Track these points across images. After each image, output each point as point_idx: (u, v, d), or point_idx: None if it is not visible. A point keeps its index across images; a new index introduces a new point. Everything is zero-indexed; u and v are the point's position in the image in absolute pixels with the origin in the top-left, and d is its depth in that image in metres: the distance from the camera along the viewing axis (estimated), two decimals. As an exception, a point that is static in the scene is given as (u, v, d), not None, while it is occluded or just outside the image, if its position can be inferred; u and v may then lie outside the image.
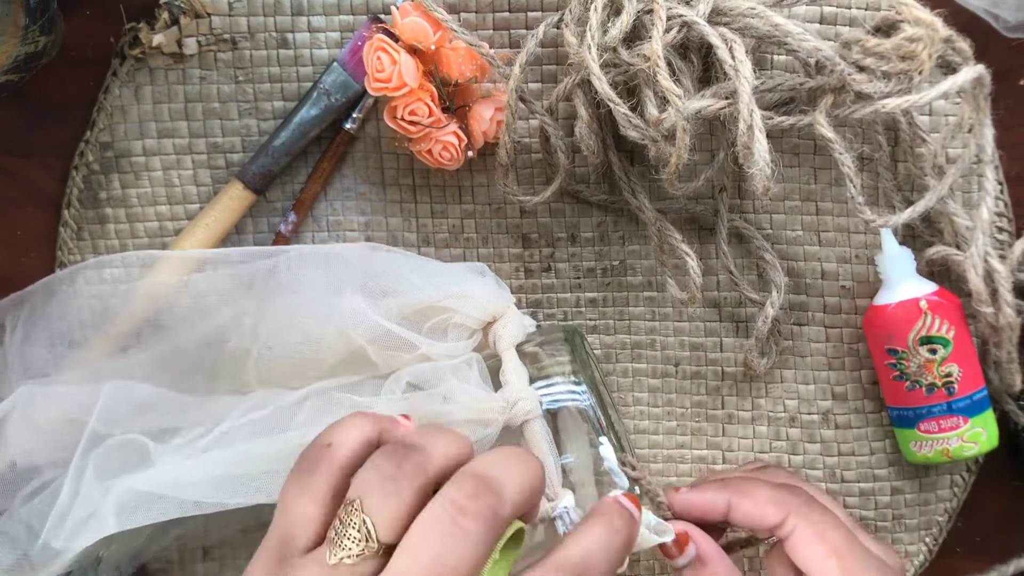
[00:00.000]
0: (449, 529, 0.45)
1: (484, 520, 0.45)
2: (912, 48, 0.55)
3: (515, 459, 0.50)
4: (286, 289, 0.63)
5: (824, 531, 0.56)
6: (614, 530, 0.51)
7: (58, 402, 0.61)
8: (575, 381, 0.62)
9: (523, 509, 0.49)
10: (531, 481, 0.49)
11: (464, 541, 0.45)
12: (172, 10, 0.65)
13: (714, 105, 0.55)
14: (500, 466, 0.49)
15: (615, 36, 0.56)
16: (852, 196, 0.60)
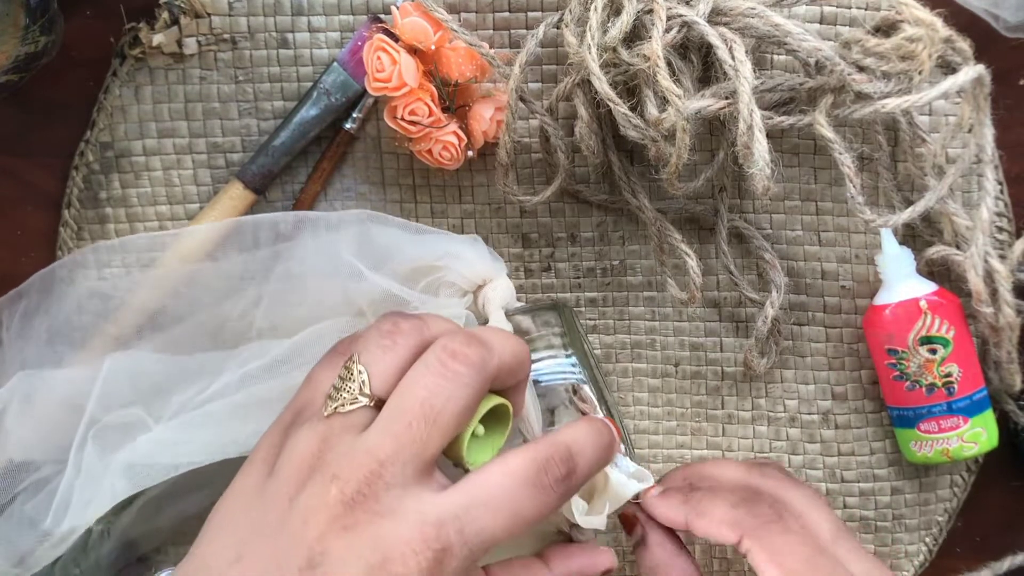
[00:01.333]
0: (439, 370, 0.47)
1: (473, 365, 0.48)
2: (912, 48, 0.55)
3: (501, 331, 0.53)
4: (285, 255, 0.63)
5: (779, 554, 0.55)
6: (599, 431, 0.52)
7: (57, 388, 0.61)
8: (567, 355, 0.62)
9: (509, 373, 0.51)
10: (519, 350, 0.52)
11: (453, 382, 0.47)
12: (172, 10, 0.65)
13: (714, 105, 0.55)
14: (489, 331, 0.51)
15: (615, 36, 0.56)
16: (852, 196, 0.60)
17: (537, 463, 0.48)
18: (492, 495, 0.46)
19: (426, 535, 0.44)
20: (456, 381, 0.47)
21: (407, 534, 0.44)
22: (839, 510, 0.72)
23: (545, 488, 0.47)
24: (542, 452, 0.48)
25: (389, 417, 0.47)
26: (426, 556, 0.44)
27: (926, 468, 0.72)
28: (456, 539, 0.45)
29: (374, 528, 0.44)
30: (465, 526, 0.45)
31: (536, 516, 0.47)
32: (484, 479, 0.47)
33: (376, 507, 0.45)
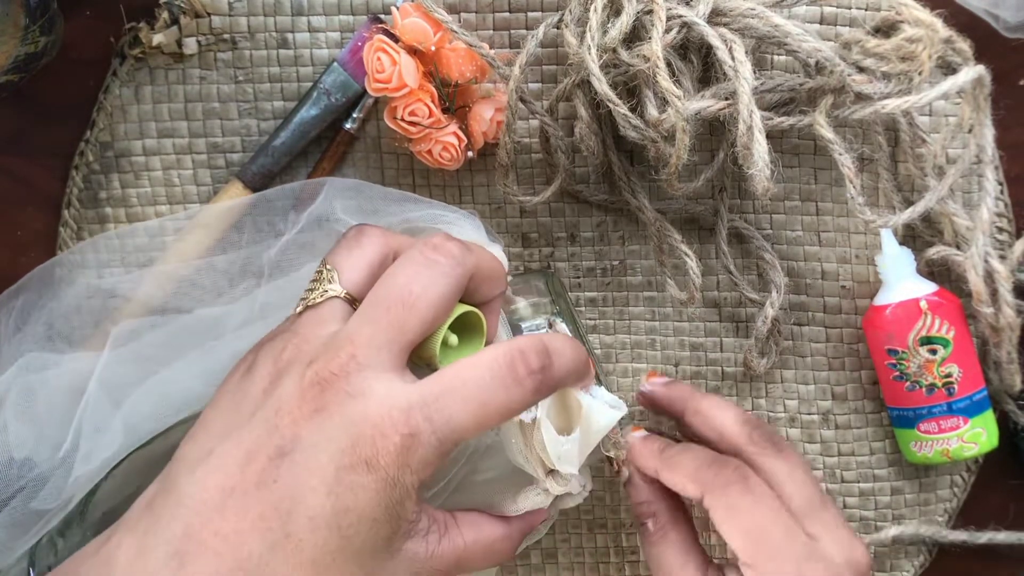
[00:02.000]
0: (420, 260, 0.49)
1: (453, 256, 0.49)
2: (912, 49, 0.55)
3: (480, 245, 0.54)
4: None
5: (736, 513, 0.56)
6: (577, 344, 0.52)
7: (60, 377, 0.61)
8: (552, 312, 0.62)
9: (485, 279, 0.52)
10: (495, 262, 0.53)
11: (432, 270, 0.48)
12: (172, 10, 0.65)
13: (714, 106, 0.55)
14: (478, 245, 0.53)
15: (615, 37, 0.56)
16: (852, 196, 0.60)
17: (511, 355, 0.48)
18: (463, 384, 0.46)
19: (395, 419, 0.44)
20: (435, 269, 0.48)
21: (376, 416, 0.44)
22: (841, 510, 0.72)
23: (518, 379, 0.47)
24: (517, 345, 0.48)
25: (369, 303, 0.48)
26: (394, 440, 0.44)
27: (926, 468, 0.72)
28: (425, 426, 0.45)
29: (344, 409, 0.45)
30: (434, 413, 0.45)
31: (506, 408, 0.47)
32: (456, 370, 0.47)
33: (348, 387, 0.45)
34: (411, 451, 0.44)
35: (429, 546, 0.47)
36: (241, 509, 0.45)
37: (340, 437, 0.44)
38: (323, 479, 0.44)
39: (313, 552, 0.44)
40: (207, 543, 0.44)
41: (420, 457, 0.45)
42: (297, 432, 0.45)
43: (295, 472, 0.45)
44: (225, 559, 0.44)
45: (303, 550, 0.44)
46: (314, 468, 0.44)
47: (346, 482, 0.44)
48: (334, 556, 0.45)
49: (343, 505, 0.44)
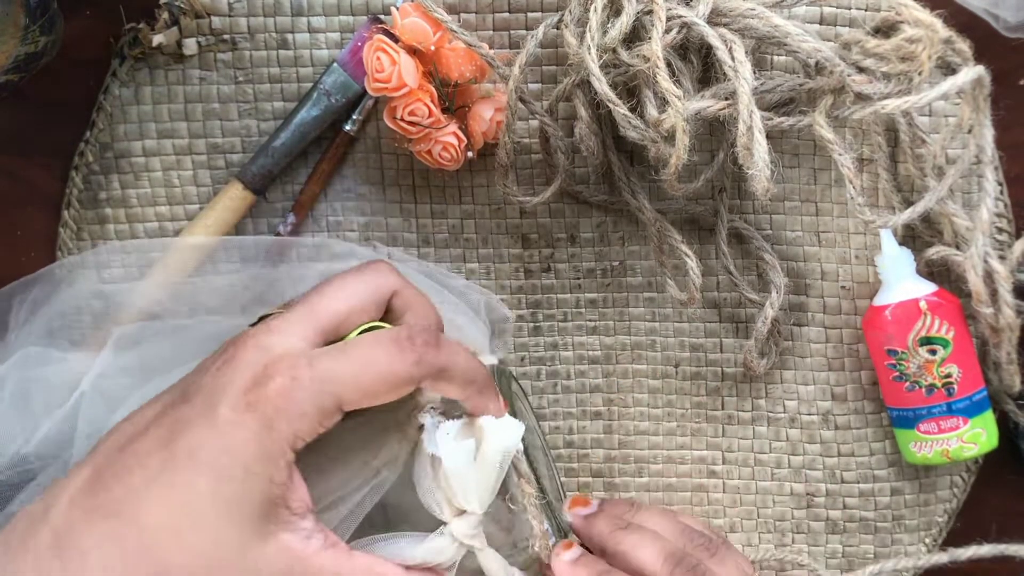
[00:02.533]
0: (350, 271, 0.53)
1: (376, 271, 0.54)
2: (912, 49, 0.55)
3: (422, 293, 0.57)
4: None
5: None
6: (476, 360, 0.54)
7: (58, 374, 0.61)
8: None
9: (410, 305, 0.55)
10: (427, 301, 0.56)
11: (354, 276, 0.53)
12: (172, 10, 0.65)
13: (714, 106, 0.55)
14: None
15: (615, 37, 0.56)
16: (852, 197, 0.60)
17: (403, 330, 0.50)
18: (354, 345, 0.49)
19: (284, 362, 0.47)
20: (357, 276, 0.53)
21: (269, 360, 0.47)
22: (839, 511, 0.73)
23: (402, 346, 0.49)
24: (410, 324, 0.51)
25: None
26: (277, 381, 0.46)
27: (926, 469, 0.72)
28: (306, 371, 0.47)
29: (246, 357, 0.48)
30: (316, 362, 0.47)
31: (389, 371, 0.49)
32: (351, 339, 0.50)
33: (256, 343, 0.48)
34: (290, 394, 0.46)
35: (309, 547, 0.47)
36: (137, 448, 0.47)
37: (236, 378, 0.47)
38: (208, 416, 0.46)
39: (186, 494, 0.45)
40: (103, 480, 0.47)
41: (298, 402, 0.46)
42: (204, 381, 0.48)
43: (187, 410, 0.47)
44: (111, 493, 0.46)
45: (174, 487, 0.45)
46: (204, 407, 0.46)
47: (226, 417, 0.46)
48: (205, 501, 0.45)
49: (221, 443, 0.46)
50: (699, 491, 0.73)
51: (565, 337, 0.71)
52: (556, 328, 0.71)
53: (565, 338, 0.71)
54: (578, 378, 0.72)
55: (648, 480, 0.73)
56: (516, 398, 0.61)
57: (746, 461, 0.73)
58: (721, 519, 0.73)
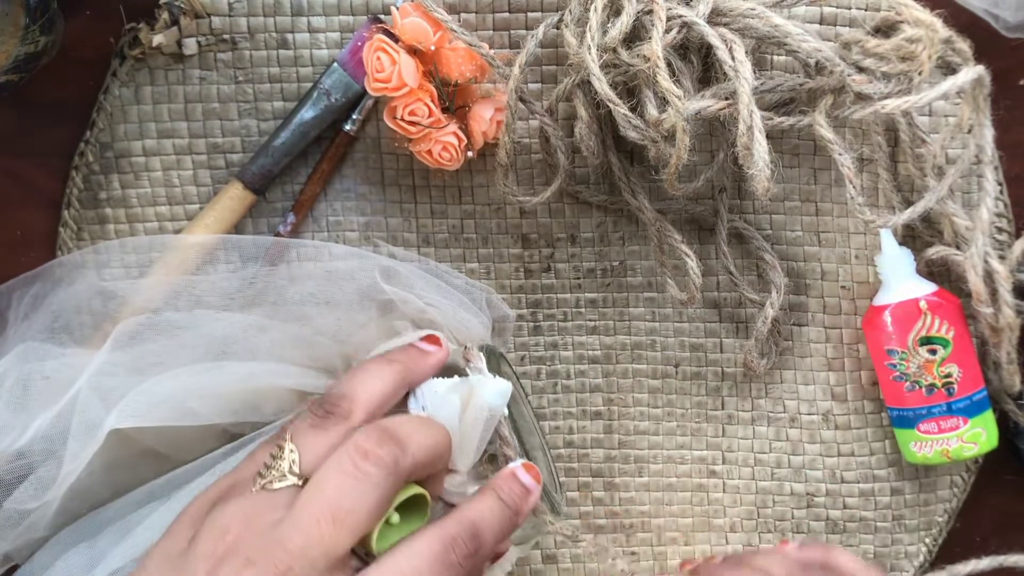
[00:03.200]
0: (351, 471, 0.48)
1: (385, 466, 0.49)
2: (912, 49, 0.55)
3: (423, 422, 0.54)
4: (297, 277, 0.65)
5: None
6: (502, 503, 0.53)
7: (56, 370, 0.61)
8: None
9: (424, 467, 0.52)
10: (437, 444, 0.53)
11: (364, 483, 0.48)
12: (172, 10, 0.65)
13: (714, 106, 0.55)
14: (408, 425, 0.52)
15: (615, 37, 0.56)
16: (852, 197, 0.60)
17: (444, 542, 0.49)
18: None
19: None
20: (366, 482, 0.48)
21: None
22: (839, 510, 0.73)
23: (453, 566, 0.48)
24: (449, 531, 0.49)
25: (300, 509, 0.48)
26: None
27: (926, 469, 0.72)
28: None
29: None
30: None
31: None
32: (393, 562, 0.48)
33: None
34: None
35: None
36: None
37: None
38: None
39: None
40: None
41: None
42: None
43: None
44: None
45: None
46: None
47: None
48: None
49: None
50: (699, 491, 0.73)
51: (565, 337, 0.71)
52: (556, 328, 0.71)
53: (565, 338, 0.71)
54: (578, 378, 0.72)
55: (648, 480, 0.73)
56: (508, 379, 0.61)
57: (746, 461, 0.73)
58: (721, 519, 0.73)
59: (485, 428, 0.55)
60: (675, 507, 0.73)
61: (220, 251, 0.66)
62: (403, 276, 0.65)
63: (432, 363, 0.59)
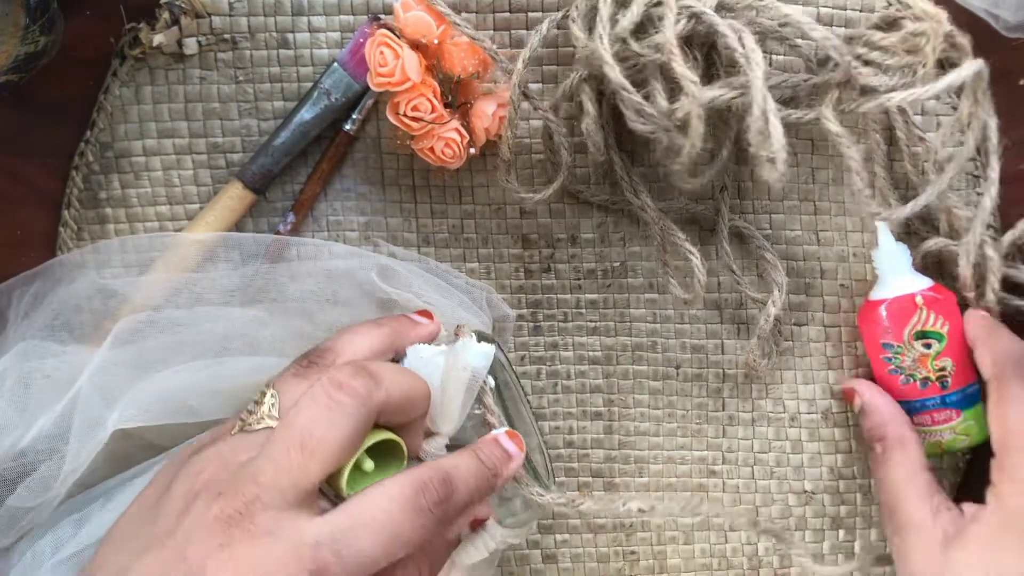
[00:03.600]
0: (324, 401, 0.49)
1: (357, 396, 0.49)
2: (917, 42, 0.56)
3: (400, 368, 0.54)
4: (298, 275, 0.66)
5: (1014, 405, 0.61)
6: (482, 461, 0.54)
7: (57, 368, 0.61)
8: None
9: (399, 407, 0.52)
10: (412, 387, 0.53)
11: (336, 412, 0.49)
12: (172, 10, 0.65)
13: (727, 94, 0.55)
14: (384, 366, 0.53)
15: (625, 27, 0.57)
16: (859, 189, 0.60)
17: (415, 486, 0.49)
18: (371, 517, 0.47)
19: (301, 555, 0.45)
20: (338, 411, 0.49)
21: (282, 555, 0.45)
22: (840, 507, 0.73)
23: (423, 510, 0.48)
24: (421, 476, 0.50)
25: (272, 442, 0.48)
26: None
27: (925, 466, 0.73)
28: (333, 560, 0.46)
29: (250, 548, 0.45)
30: (342, 548, 0.46)
31: (415, 538, 0.48)
32: (362, 502, 0.48)
33: (252, 527, 0.46)
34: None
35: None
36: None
37: (246, 573, 0.45)
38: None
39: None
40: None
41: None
42: (204, 564, 0.45)
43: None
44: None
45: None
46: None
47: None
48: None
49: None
50: (699, 491, 0.73)
51: (565, 337, 0.72)
52: (556, 328, 0.71)
53: (565, 338, 0.72)
54: (578, 378, 0.72)
55: (648, 480, 0.73)
56: (501, 368, 0.62)
57: (746, 460, 0.73)
58: (721, 518, 0.73)
59: (468, 391, 0.56)
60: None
61: (220, 249, 0.66)
62: (402, 276, 0.65)
63: (421, 333, 0.60)
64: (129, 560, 0.47)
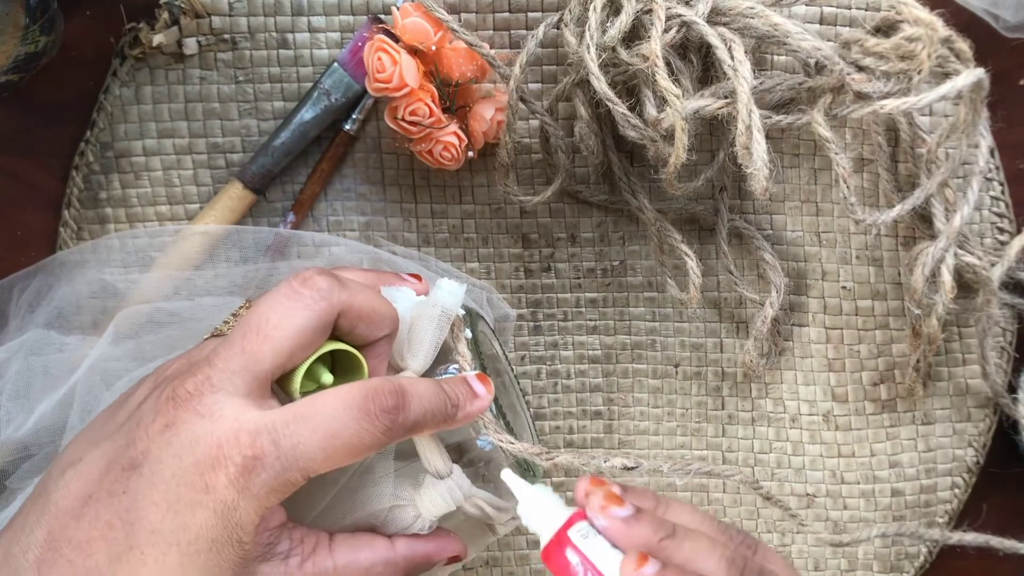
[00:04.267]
0: (285, 291, 0.49)
1: (318, 289, 0.49)
2: (911, 48, 0.55)
3: (368, 286, 0.53)
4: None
5: None
6: (442, 391, 0.52)
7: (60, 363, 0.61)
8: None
9: (360, 316, 0.51)
10: (378, 303, 0.52)
11: (295, 302, 0.48)
12: (172, 10, 0.65)
13: (713, 105, 0.55)
14: (355, 277, 0.53)
15: (614, 36, 0.56)
16: (844, 196, 0.60)
17: (364, 392, 0.48)
18: (315, 412, 0.46)
19: (240, 440, 0.45)
20: (297, 301, 0.48)
21: (221, 436, 0.45)
22: (840, 511, 0.72)
23: (369, 414, 0.47)
24: (373, 384, 0.49)
25: (231, 330, 0.49)
26: (236, 462, 0.45)
27: (926, 470, 0.72)
28: (270, 449, 0.45)
29: (192, 427, 0.45)
30: (281, 438, 0.45)
31: (356, 442, 0.47)
32: (310, 400, 0.47)
33: (199, 407, 0.46)
34: (253, 474, 0.45)
35: (288, 569, 0.47)
36: (94, 517, 0.46)
37: (185, 455, 0.45)
38: (165, 494, 0.45)
39: (155, 567, 0.45)
40: (62, 551, 0.45)
41: (263, 481, 0.45)
42: (148, 446, 0.46)
43: (141, 484, 0.45)
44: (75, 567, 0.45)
45: (145, 563, 0.45)
46: (158, 482, 0.45)
47: (186, 499, 0.45)
48: (175, 573, 0.45)
49: (182, 522, 0.45)
50: (699, 491, 0.73)
51: (565, 336, 0.71)
52: (556, 327, 0.71)
53: (565, 337, 0.71)
54: (578, 377, 0.72)
55: (648, 480, 0.73)
56: (485, 338, 0.61)
57: (746, 461, 0.73)
58: (722, 519, 0.73)
59: (437, 327, 0.55)
60: (675, 507, 0.73)
61: (220, 249, 0.66)
62: (399, 264, 0.65)
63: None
64: (85, 450, 0.48)
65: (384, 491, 0.54)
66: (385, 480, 0.54)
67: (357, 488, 0.54)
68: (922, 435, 0.72)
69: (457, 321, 0.56)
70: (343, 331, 0.51)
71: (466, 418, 0.53)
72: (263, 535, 0.46)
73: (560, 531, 0.48)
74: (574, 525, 0.48)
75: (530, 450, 0.55)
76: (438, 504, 0.54)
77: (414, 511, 0.54)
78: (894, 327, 0.71)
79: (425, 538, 0.54)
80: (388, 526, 0.54)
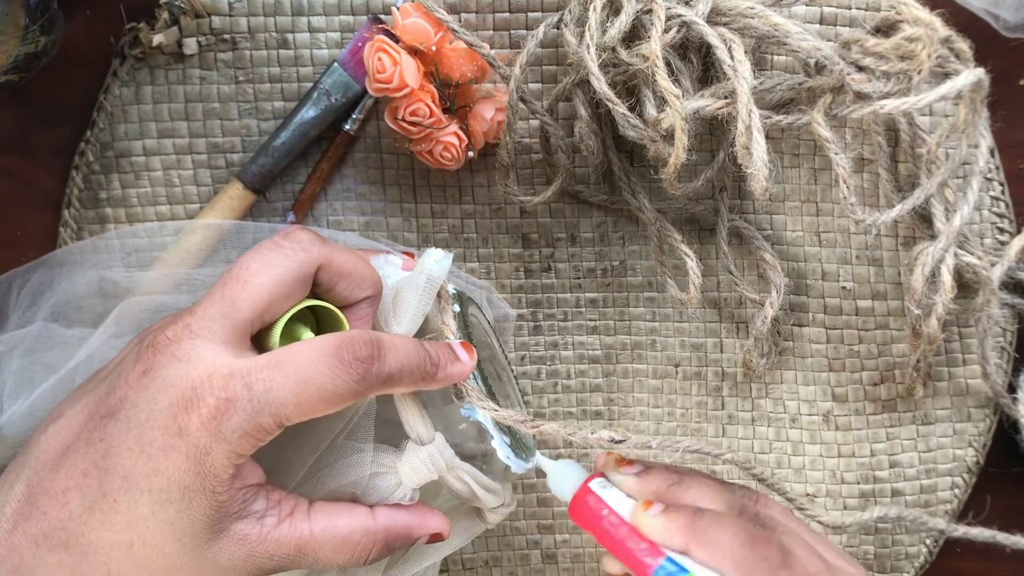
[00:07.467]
0: (267, 244, 0.50)
1: (299, 242, 0.50)
2: (911, 48, 0.55)
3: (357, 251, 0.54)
4: None
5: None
6: (422, 350, 0.52)
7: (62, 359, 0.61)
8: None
9: (340, 273, 0.51)
10: (361, 264, 0.53)
11: (275, 252, 0.49)
12: (172, 10, 0.65)
13: (712, 105, 0.55)
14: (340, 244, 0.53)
15: (614, 36, 0.56)
16: (844, 196, 0.60)
17: (340, 340, 0.48)
18: (289, 359, 0.47)
19: (213, 382, 0.45)
20: (277, 252, 0.49)
21: (196, 378, 0.45)
22: (839, 511, 0.72)
23: (343, 362, 0.47)
24: (349, 334, 0.49)
25: (215, 283, 0.49)
26: (209, 403, 0.45)
27: (926, 470, 0.72)
28: (242, 392, 0.45)
29: (168, 370, 0.46)
30: (254, 382, 0.45)
31: (330, 389, 0.47)
32: (286, 349, 0.48)
33: (177, 352, 0.46)
34: (225, 416, 0.45)
35: (264, 529, 0.47)
36: (71, 467, 0.46)
37: (160, 398, 0.45)
38: (138, 438, 0.45)
39: (128, 514, 0.45)
40: (38, 503, 0.46)
41: (235, 425, 0.45)
42: (127, 392, 0.46)
43: (117, 430, 0.45)
44: (50, 518, 0.45)
45: (117, 511, 0.45)
46: (132, 426, 0.45)
47: (159, 443, 0.45)
48: (148, 522, 0.45)
49: (154, 466, 0.45)
50: (696, 485, 0.73)
51: (565, 336, 0.71)
52: (556, 327, 0.71)
53: (565, 337, 0.71)
54: (578, 377, 0.72)
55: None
56: (476, 323, 0.61)
57: (747, 460, 0.72)
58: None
59: (423, 294, 0.55)
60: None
61: (221, 248, 0.66)
62: None
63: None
64: (68, 406, 0.48)
65: (365, 458, 0.54)
66: (366, 447, 0.54)
67: (339, 455, 0.54)
68: (922, 435, 0.72)
69: (444, 292, 0.57)
70: (323, 288, 0.52)
71: (447, 379, 0.53)
72: (238, 491, 0.46)
73: (583, 484, 0.55)
74: (594, 479, 0.56)
75: (514, 417, 0.56)
76: (419, 471, 0.54)
77: (395, 478, 0.54)
78: (894, 327, 0.71)
79: (407, 509, 0.54)
80: (369, 495, 0.54)
